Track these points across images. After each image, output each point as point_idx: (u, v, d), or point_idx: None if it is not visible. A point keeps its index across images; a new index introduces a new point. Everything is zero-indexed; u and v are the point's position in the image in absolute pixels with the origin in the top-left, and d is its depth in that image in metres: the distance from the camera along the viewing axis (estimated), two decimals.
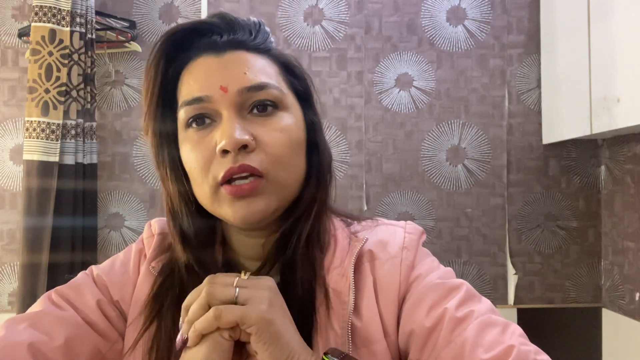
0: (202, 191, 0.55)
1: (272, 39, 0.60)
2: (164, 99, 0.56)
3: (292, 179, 0.56)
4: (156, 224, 0.67)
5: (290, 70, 0.59)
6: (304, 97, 0.60)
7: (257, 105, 0.54)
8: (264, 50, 0.58)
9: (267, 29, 0.60)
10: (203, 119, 0.54)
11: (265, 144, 0.53)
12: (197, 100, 0.53)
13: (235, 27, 0.57)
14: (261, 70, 0.55)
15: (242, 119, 0.53)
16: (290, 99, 0.57)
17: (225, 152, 0.52)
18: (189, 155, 0.54)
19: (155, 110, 0.56)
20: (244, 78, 0.53)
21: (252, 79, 0.54)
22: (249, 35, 0.57)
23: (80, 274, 0.64)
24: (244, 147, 0.52)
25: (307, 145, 0.59)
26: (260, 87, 0.54)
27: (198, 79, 0.54)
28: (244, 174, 0.52)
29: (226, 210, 0.54)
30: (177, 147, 0.57)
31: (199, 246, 0.58)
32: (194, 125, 0.54)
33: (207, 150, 0.53)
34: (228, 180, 0.52)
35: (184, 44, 0.56)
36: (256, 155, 0.53)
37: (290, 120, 0.56)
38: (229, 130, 0.51)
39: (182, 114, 0.55)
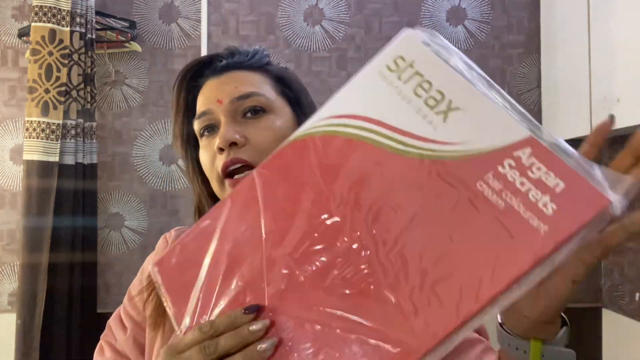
0: (213, 185, 0.67)
1: (268, 59, 0.72)
2: (187, 117, 0.71)
3: None
4: (172, 234, 0.76)
5: (282, 81, 0.70)
6: (295, 102, 0.71)
7: (249, 110, 0.65)
8: (257, 67, 0.69)
9: (267, 52, 0.72)
10: (212, 128, 0.66)
11: (254, 140, 0.64)
12: (203, 113, 0.66)
13: (234, 53, 0.70)
14: (250, 83, 0.67)
15: (236, 123, 0.64)
16: (279, 104, 0.68)
17: (221, 149, 0.63)
18: (202, 157, 0.67)
19: (181, 127, 0.71)
20: (234, 91, 0.65)
21: (241, 90, 0.66)
22: (245, 57, 0.69)
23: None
24: (234, 144, 0.62)
25: None
26: (247, 95, 0.65)
27: (203, 98, 0.68)
28: (237, 166, 0.62)
29: None
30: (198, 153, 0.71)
31: None
32: (205, 133, 0.67)
33: (211, 151, 0.65)
34: (230, 174, 0.63)
35: (197, 74, 0.71)
36: (246, 150, 0.63)
37: (279, 121, 0.66)
38: (222, 132, 0.63)
39: (195, 126, 0.68)
